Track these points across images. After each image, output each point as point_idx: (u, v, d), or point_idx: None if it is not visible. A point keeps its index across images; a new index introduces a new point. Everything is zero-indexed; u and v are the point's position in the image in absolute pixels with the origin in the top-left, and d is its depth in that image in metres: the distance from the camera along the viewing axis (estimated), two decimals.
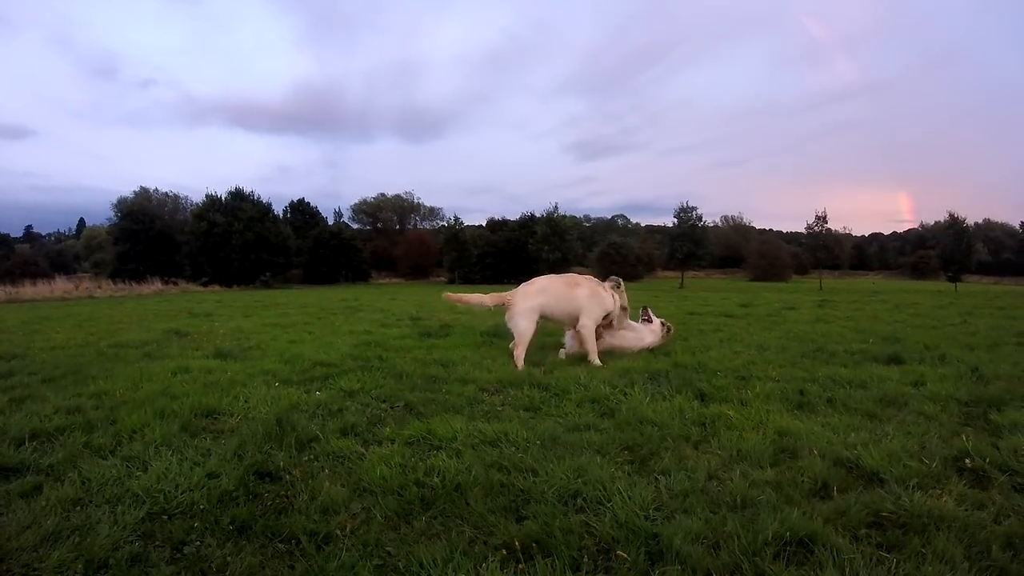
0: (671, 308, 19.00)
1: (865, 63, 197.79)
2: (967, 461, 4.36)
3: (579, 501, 3.67)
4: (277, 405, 5.73)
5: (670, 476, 4.04)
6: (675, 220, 63.61)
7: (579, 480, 3.91)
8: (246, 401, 5.93)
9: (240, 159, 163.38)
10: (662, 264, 77.88)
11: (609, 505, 3.57)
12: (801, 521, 3.34)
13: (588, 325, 8.43)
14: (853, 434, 5.02)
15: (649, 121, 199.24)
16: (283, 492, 3.87)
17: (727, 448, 4.64)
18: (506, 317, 8.55)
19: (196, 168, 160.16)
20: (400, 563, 3.04)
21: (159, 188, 75.34)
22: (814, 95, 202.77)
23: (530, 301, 8.44)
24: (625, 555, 3.05)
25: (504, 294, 8.73)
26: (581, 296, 8.53)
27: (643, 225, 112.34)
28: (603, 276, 9.69)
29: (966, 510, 3.57)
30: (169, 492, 3.75)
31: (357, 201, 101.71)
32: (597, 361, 8.16)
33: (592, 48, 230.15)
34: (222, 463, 4.23)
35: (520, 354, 8.03)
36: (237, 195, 60.38)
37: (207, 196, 60.40)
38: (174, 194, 76.94)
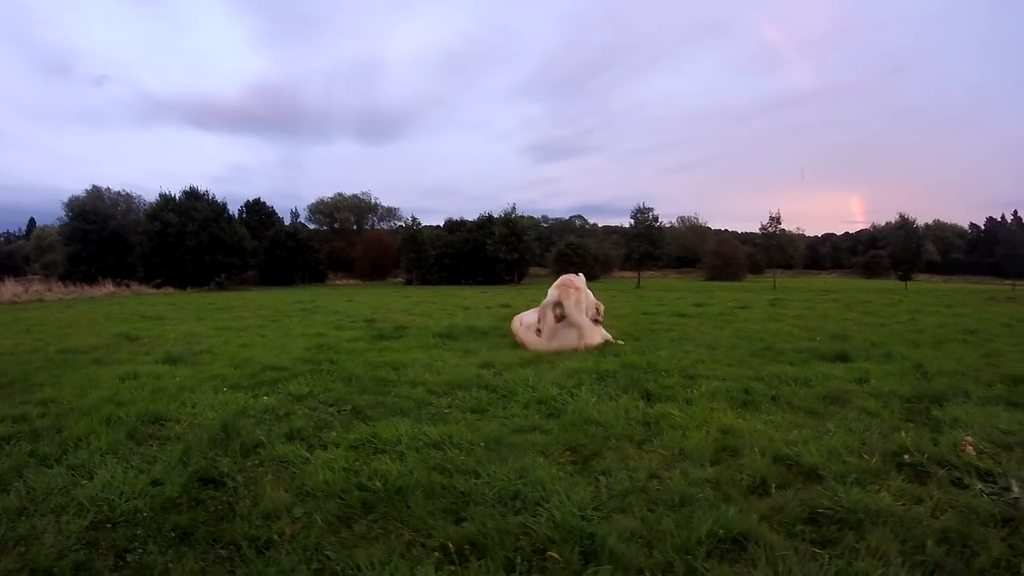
0: (627, 308, 19.27)
1: (819, 68, 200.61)
2: (906, 457, 4.47)
3: (518, 502, 3.71)
4: (224, 411, 5.68)
5: (611, 476, 4.11)
6: (632, 221, 63.93)
7: (520, 481, 3.94)
8: (193, 407, 5.89)
9: (195, 158, 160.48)
10: (619, 264, 78.36)
11: (547, 506, 3.60)
12: (736, 519, 3.40)
13: None
14: (795, 431, 5.12)
15: (606, 124, 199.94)
16: (226, 498, 3.87)
17: (670, 447, 4.70)
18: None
19: (150, 167, 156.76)
20: (338, 567, 3.06)
21: (112, 187, 73.14)
22: (769, 99, 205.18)
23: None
24: (557, 556, 3.09)
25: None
26: None
27: (600, 226, 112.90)
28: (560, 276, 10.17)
29: (903, 505, 3.66)
30: (114, 500, 3.73)
31: (314, 201, 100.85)
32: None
33: (550, 52, 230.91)
34: (167, 470, 4.20)
35: None
36: (191, 194, 58.94)
37: (161, 195, 58.75)
38: (127, 193, 74.85)
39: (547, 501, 3.67)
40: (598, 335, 10.01)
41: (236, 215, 66.29)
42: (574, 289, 9.89)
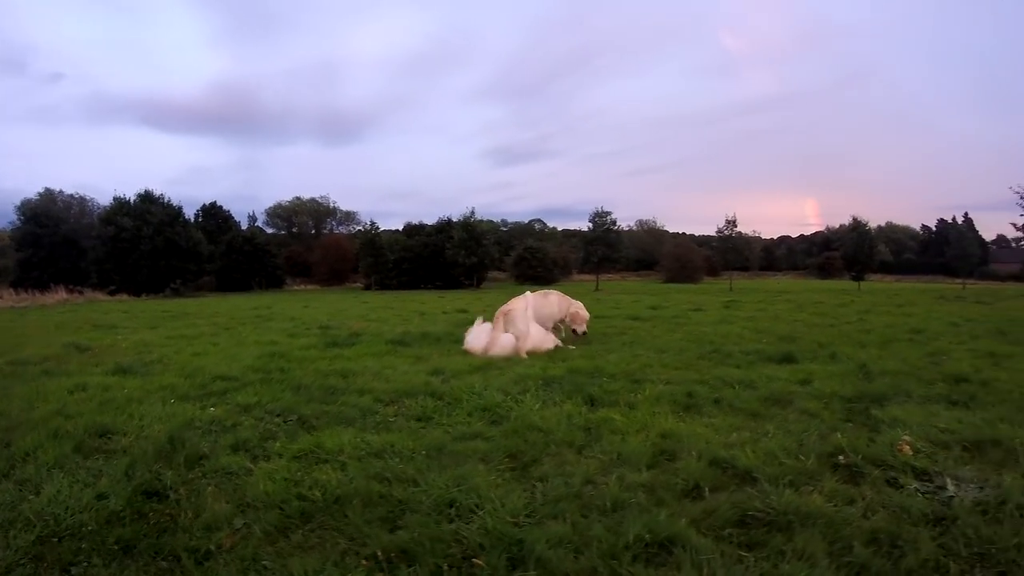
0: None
1: (777, 75, 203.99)
2: (841, 458, 4.57)
3: (453, 510, 3.76)
4: (171, 422, 5.65)
5: (547, 482, 4.18)
6: (590, 225, 64.41)
7: (456, 489, 4.00)
8: (141, 419, 5.84)
9: (151, 159, 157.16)
10: (578, 267, 78.80)
11: (481, 513, 3.67)
12: (666, 523, 3.48)
13: None
14: (735, 434, 5.23)
15: (567, 128, 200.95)
16: (169, 511, 3.89)
17: (608, 452, 4.79)
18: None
19: (105, 168, 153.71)
20: None
21: (64, 190, 71.33)
22: (727, 105, 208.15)
23: None
24: (482, 562, 3.17)
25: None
26: None
27: (560, 229, 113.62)
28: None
29: (835, 506, 3.75)
30: (60, 515, 3.74)
31: (272, 205, 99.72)
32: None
33: (512, 55, 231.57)
34: (112, 484, 4.21)
35: None
36: (146, 198, 57.67)
37: (115, 199, 57.44)
38: (81, 196, 72.99)
39: (481, 508, 3.73)
40: (549, 341, 10.28)
41: (192, 219, 65.28)
42: (504, 315, 10.28)
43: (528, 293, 11.23)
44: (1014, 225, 46.05)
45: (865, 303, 25.13)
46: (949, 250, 69.62)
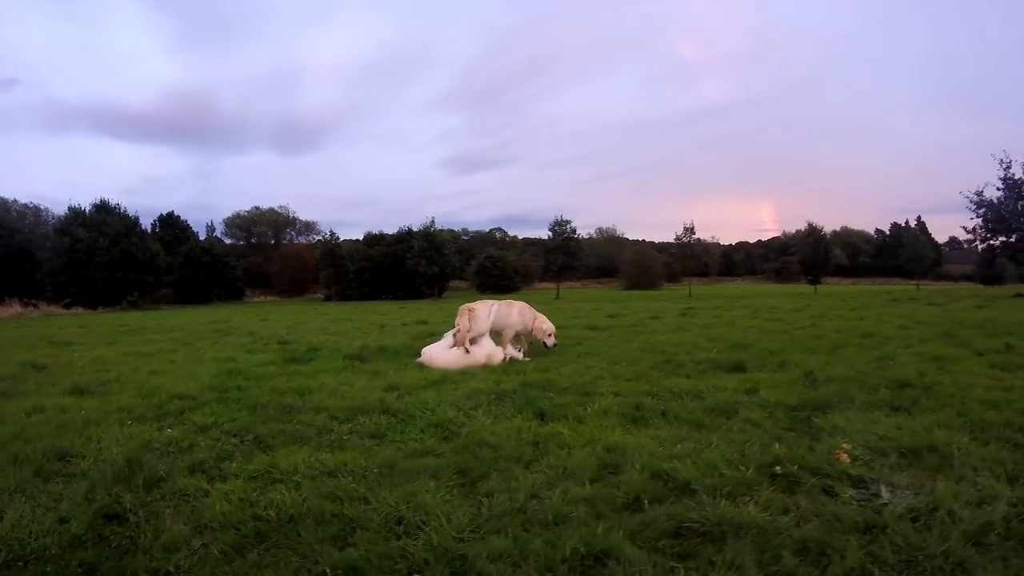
0: None
1: (732, 82, 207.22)
2: (777, 468, 4.70)
3: (401, 527, 3.90)
4: (129, 445, 5.69)
5: (493, 497, 4.31)
6: (550, 233, 64.87)
7: (406, 506, 4.13)
8: (99, 442, 5.87)
9: (106, 168, 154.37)
10: (539, 276, 79.27)
11: (427, 529, 3.81)
12: (603, 535, 3.63)
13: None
14: (679, 445, 5.36)
15: (525, 135, 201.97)
16: (129, 533, 3.98)
17: (555, 467, 4.92)
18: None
19: (59, 177, 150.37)
20: None
21: (18, 199, 70.25)
22: (684, 112, 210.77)
23: None
24: None
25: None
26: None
27: (520, 238, 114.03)
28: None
29: (769, 516, 3.89)
30: (24, 539, 3.83)
31: (230, 215, 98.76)
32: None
33: (469, 63, 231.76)
34: (73, 507, 4.28)
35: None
36: (102, 208, 56.70)
37: (70, 208, 56.51)
38: (35, 205, 71.80)
39: (428, 525, 3.86)
40: (495, 355, 10.50)
41: (149, 230, 64.33)
42: (468, 310, 10.56)
43: (492, 300, 11.42)
44: (964, 228, 47.44)
45: (820, 307, 25.53)
46: (903, 252, 71.33)
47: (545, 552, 3.50)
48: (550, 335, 11.40)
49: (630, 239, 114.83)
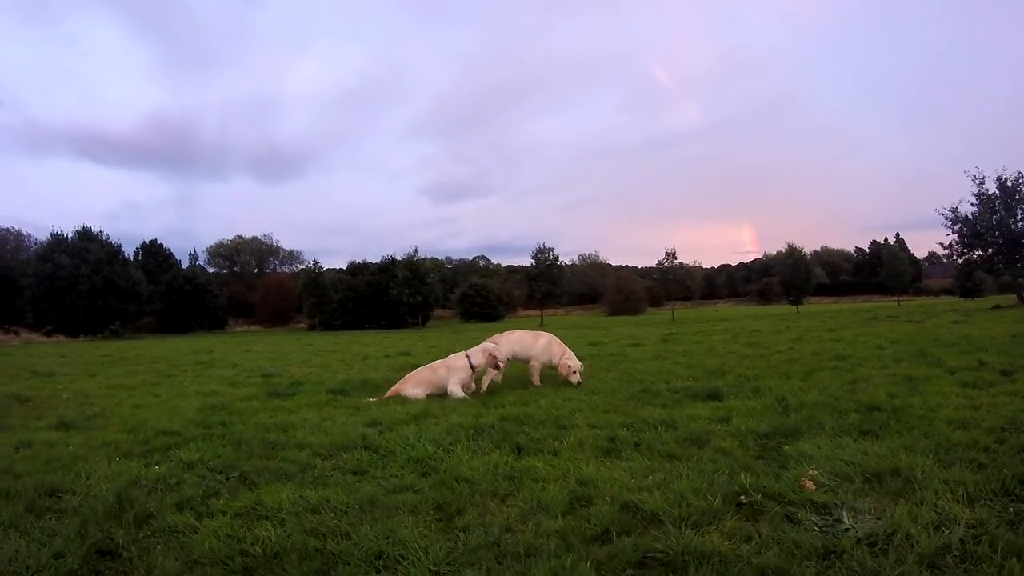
0: None
1: (707, 105, 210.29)
2: (743, 497, 4.87)
3: (381, 561, 4.07)
4: (117, 481, 5.81)
5: (469, 532, 4.48)
6: (533, 261, 65.33)
7: (385, 541, 4.31)
8: (88, 478, 5.99)
9: (87, 193, 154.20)
10: (522, 303, 79.50)
11: (405, 563, 4.00)
12: (570, 567, 3.80)
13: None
14: (650, 477, 5.51)
15: (504, 163, 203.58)
16: (122, 569, 4.15)
17: (529, 500, 5.06)
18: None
19: (40, 201, 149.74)
20: None
21: (0, 224, 69.72)
22: (660, 136, 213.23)
23: None
24: None
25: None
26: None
27: (504, 265, 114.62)
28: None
29: (732, 544, 4.05)
30: (21, 573, 4.01)
31: (213, 243, 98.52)
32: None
33: (447, 91, 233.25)
34: (67, 543, 4.42)
35: None
36: (84, 235, 56.66)
37: (52, 235, 56.43)
38: (17, 230, 71.07)
39: (406, 558, 4.04)
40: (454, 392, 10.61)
41: (131, 257, 64.15)
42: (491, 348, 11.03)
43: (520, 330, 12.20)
44: (941, 244, 48.60)
45: (800, 329, 25.79)
46: (883, 270, 72.36)
47: None
48: (575, 372, 11.38)
49: (612, 265, 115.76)
